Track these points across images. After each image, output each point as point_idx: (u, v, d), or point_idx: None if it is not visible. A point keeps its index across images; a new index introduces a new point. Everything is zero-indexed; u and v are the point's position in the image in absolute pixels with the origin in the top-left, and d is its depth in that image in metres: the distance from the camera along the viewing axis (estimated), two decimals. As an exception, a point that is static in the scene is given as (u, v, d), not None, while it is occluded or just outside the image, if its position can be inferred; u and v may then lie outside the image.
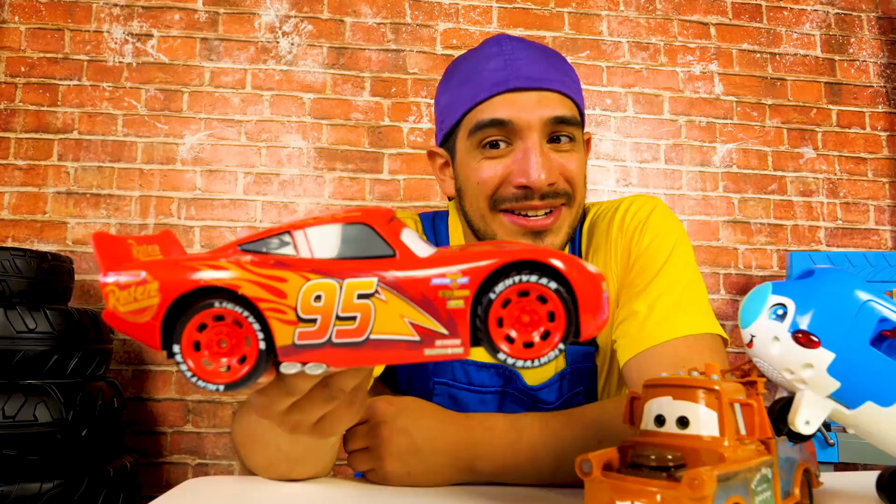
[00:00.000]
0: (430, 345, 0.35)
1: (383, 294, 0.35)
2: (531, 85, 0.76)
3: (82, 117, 2.12)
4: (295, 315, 0.35)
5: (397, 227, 0.38)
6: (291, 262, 0.36)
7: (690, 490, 0.39)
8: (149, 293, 0.35)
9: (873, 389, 0.49)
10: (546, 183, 0.75)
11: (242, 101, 2.17)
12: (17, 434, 1.36)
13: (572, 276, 0.35)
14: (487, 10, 2.29)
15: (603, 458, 0.45)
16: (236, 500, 0.59)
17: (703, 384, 0.49)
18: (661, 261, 0.82)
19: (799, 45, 2.41)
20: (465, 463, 0.67)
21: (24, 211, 2.07)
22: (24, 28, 2.13)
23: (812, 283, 0.52)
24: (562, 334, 0.35)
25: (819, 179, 2.35)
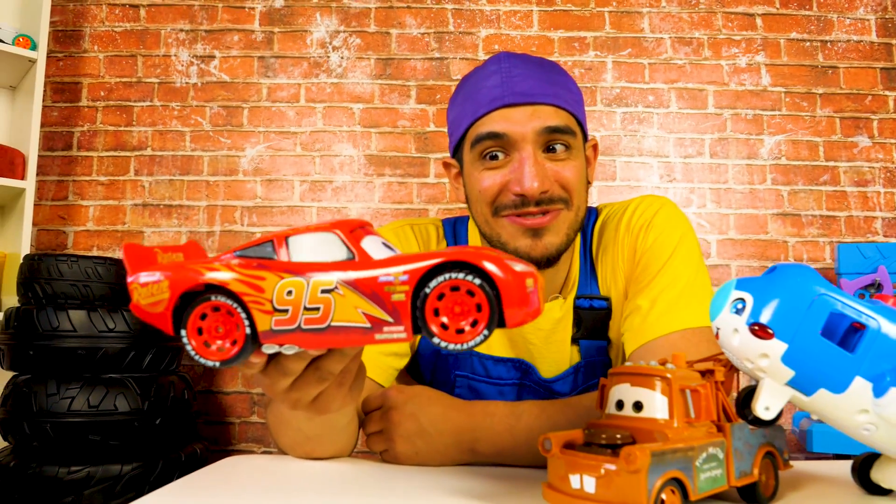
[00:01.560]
0: (380, 331, 0.43)
1: (341, 289, 0.43)
2: (524, 100, 0.81)
3: (154, 135, 2.31)
4: (271, 306, 0.44)
5: (360, 235, 0.46)
6: (269, 264, 0.45)
7: (626, 464, 0.45)
8: (161, 289, 0.45)
9: (826, 377, 0.52)
10: (539, 191, 0.80)
11: (297, 114, 2.31)
12: (101, 422, 1.53)
13: (495, 274, 0.41)
14: (528, 15, 2.34)
15: (563, 438, 0.52)
16: (267, 474, 0.68)
17: (656, 372, 0.54)
18: (664, 258, 0.86)
19: (852, 30, 2.33)
20: (467, 445, 0.74)
21: (107, 222, 2.28)
22: (103, 56, 2.34)
23: (771, 278, 0.55)
24: (486, 323, 0.42)
25: (875, 168, 2.28)
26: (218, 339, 0.45)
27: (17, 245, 2.01)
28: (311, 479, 0.66)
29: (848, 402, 0.52)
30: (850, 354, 0.52)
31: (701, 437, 0.52)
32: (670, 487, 0.48)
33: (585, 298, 0.91)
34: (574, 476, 0.49)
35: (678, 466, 0.49)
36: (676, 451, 0.49)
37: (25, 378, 1.63)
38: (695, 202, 2.28)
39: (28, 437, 1.56)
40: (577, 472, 0.49)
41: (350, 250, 0.45)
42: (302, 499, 0.58)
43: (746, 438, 0.56)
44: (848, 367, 0.51)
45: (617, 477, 0.47)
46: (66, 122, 2.31)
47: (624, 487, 0.46)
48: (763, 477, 0.57)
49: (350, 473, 0.69)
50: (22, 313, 1.64)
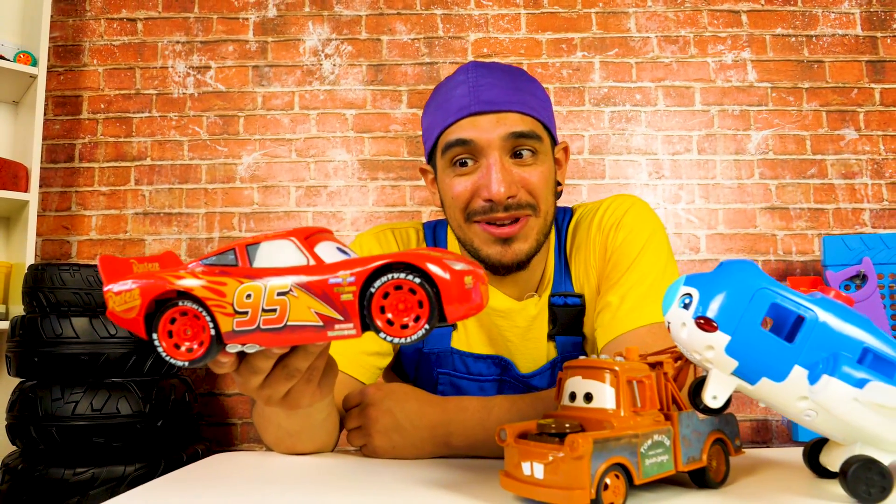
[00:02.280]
0: (331, 328, 0.47)
1: (295, 291, 0.47)
2: (490, 108, 0.84)
3: (154, 145, 2.36)
4: (233, 309, 0.48)
5: (315, 241, 0.50)
6: (230, 271, 0.49)
7: (570, 451, 0.49)
8: (133, 297, 0.50)
9: (767, 367, 0.54)
10: (506, 195, 0.83)
11: (291, 121, 2.36)
12: (104, 424, 1.59)
13: (433, 273, 0.45)
14: (516, 18, 2.38)
15: (518, 429, 0.56)
16: (253, 469, 0.72)
17: (605, 365, 0.57)
18: (632, 255, 0.89)
19: (837, 24, 2.35)
20: (441, 439, 0.78)
21: (109, 231, 2.33)
22: (102, 69, 2.39)
23: (716, 274, 0.58)
24: (427, 318, 0.46)
25: (862, 161, 2.30)
26: (186, 340, 0.49)
27: (22, 255, 2.07)
28: (292, 473, 0.70)
29: (788, 390, 0.55)
30: (790, 344, 0.54)
31: (647, 426, 0.55)
32: (614, 472, 0.51)
33: (560, 296, 0.94)
34: (525, 463, 0.52)
35: (622, 453, 0.52)
36: (620, 438, 0.52)
37: (31, 384, 1.68)
38: (683, 198, 2.31)
39: (35, 440, 1.61)
40: (528, 460, 0.52)
41: (305, 255, 0.48)
42: (281, 492, 0.62)
43: (695, 426, 0.59)
44: (787, 356, 0.54)
45: (562, 463, 0.50)
46: (68, 135, 2.37)
47: (569, 473, 0.49)
48: (714, 462, 0.60)
49: (328, 467, 0.73)
50: (27, 322, 1.70)
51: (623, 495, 0.52)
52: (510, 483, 0.54)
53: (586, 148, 2.33)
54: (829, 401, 0.54)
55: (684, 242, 2.29)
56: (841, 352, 0.55)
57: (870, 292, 1.86)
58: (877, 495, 0.53)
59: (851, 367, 0.54)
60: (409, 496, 0.59)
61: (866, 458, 0.55)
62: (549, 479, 0.51)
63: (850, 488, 0.54)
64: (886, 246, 1.88)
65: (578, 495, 0.49)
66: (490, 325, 0.96)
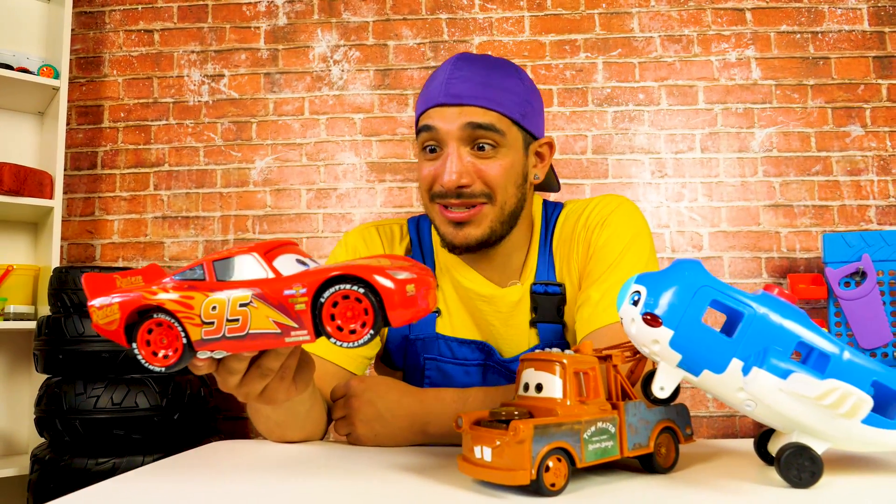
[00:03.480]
0: (288, 335, 0.52)
1: (255, 303, 0.52)
2: (454, 101, 0.89)
3: (171, 151, 2.46)
4: (200, 320, 0.53)
5: (274, 255, 0.55)
6: (198, 285, 0.55)
7: (513, 435, 0.53)
8: (113, 311, 0.55)
9: (708, 360, 0.57)
10: (455, 185, 0.88)
11: (302, 126, 2.43)
12: (123, 417, 1.68)
13: (376, 283, 0.50)
14: (520, 20, 2.41)
15: (474, 416, 0.60)
16: (244, 455, 0.78)
17: (554, 358, 0.61)
18: (614, 254, 0.93)
19: (843, 20, 2.34)
20: (419, 427, 0.83)
21: (130, 235, 2.43)
22: (122, 80, 2.50)
23: (663, 273, 0.61)
24: (371, 324, 0.51)
25: (868, 157, 2.28)
26: (162, 348, 0.55)
27: (48, 259, 2.18)
28: (279, 459, 0.75)
29: (727, 382, 0.58)
30: (729, 339, 0.57)
31: (591, 413, 0.59)
32: (556, 456, 0.55)
33: (541, 284, 0.98)
34: (477, 448, 0.57)
35: (564, 438, 0.56)
36: (562, 424, 0.56)
37: (57, 380, 1.78)
38: (686, 196, 2.32)
39: (60, 432, 1.71)
40: (479, 444, 0.57)
41: (264, 269, 0.54)
42: (265, 475, 0.67)
43: (642, 415, 0.63)
44: (726, 349, 0.57)
45: (507, 447, 0.54)
46: (91, 143, 2.47)
47: (512, 456, 0.54)
48: (663, 449, 0.64)
49: (311, 454, 0.79)
50: (52, 321, 1.80)
51: (564, 477, 0.55)
52: (465, 466, 0.58)
53: (589, 148, 2.35)
54: (759, 391, 0.57)
55: (687, 240, 2.31)
56: (772, 345, 0.58)
57: (869, 289, 1.86)
58: (807, 480, 0.57)
59: (779, 359, 0.58)
60: (377, 479, 0.64)
61: (798, 445, 0.58)
62: (496, 462, 0.55)
63: (783, 473, 0.57)
64: (886, 243, 1.88)
65: (520, 475, 0.53)
66: (474, 310, 1.00)
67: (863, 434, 0.59)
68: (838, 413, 0.57)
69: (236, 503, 0.56)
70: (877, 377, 0.60)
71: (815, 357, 0.60)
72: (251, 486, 0.62)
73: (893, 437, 0.61)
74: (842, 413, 0.57)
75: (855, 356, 0.59)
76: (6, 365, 2.31)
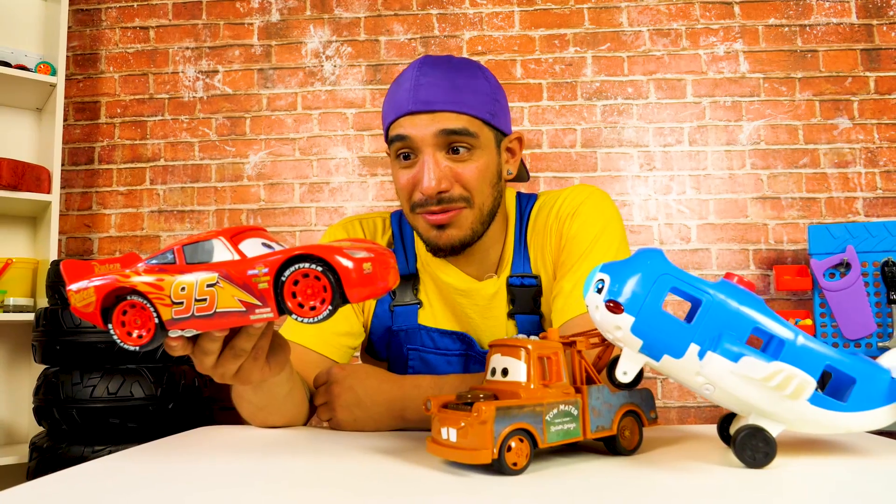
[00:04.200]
0: (253, 312, 0.55)
1: (221, 283, 0.55)
2: (425, 108, 0.90)
3: (167, 147, 2.49)
4: (170, 300, 0.56)
5: (240, 239, 0.58)
6: (168, 268, 0.58)
7: (476, 417, 0.56)
8: (90, 294, 0.59)
9: (667, 345, 0.59)
10: (436, 190, 0.89)
11: (295, 121, 2.46)
12: (119, 407, 1.71)
13: (333, 261, 0.53)
14: (510, 16, 2.43)
15: (442, 400, 0.63)
16: (229, 438, 0.80)
17: (519, 344, 0.64)
18: (585, 245, 0.95)
19: (832, 13, 2.35)
20: (397, 413, 0.86)
21: (127, 228, 2.47)
22: (118, 76, 2.52)
23: (626, 262, 0.63)
24: (329, 301, 0.54)
25: (856, 149, 2.30)
26: (136, 329, 0.58)
27: (47, 252, 2.21)
28: (261, 443, 0.78)
29: (686, 366, 0.60)
30: (687, 325, 0.59)
31: (554, 396, 0.61)
32: (518, 437, 0.57)
33: (517, 277, 1.01)
34: (443, 429, 0.59)
35: (525, 419, 0.58)
36: (524, 406, 0.58)
37: (54, 370, 1.82)
38: (674, 189, 2.34)
39: (58, 421, 1.75)
40: (445, 426, 0.59)
41: (230, 251, 0.57)
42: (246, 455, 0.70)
43: (606, 398, 0.65)
44: (684, 335, 0.59)
45: (470, 428, 0.57)
46: (88, 139, 2.50)
47: (475, 436, 0.56)
48: (627, 432, 0.66)
49: (290, 437, 0.82)
50: (50, 313, 1.83)
51: (527, 457, 0.58)
52: (433, 447, 0.61)
53: (579, 141, 2.37)
54: (714, 374, 0.60)
55: (675, 233, 2.33)
56: (727, 330, 0.60)
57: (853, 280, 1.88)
58: (761, 460, 0.59)
59: (732, 343, 0.60)
60: (351, 460, 0.66)
61: (753, 426, 0.60)
62: (461, 442, 0.57)
63: (738, 454, 0.59)
64: (871, 235, 1.90)
65: (482, 455, 0.55)
66: (453, 303, 1.03)
67: (815, 416, 0.61)
68: (784, 394, 0.60)
69: (215, 480, 0.58)
70: (830, 362, 0.62)
71: (774, 343, 0.62)
72: (230, 465, 0.64)
73: (844, 419, 0.63)
74: (787, 394, 0.59)
75: (809, 341, 0.61)
76: (6, 355, 2.36)
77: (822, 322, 2.00)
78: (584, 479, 0.56)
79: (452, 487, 0.54)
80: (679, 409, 2.28)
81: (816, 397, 0.61)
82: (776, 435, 0.60)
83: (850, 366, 0.62)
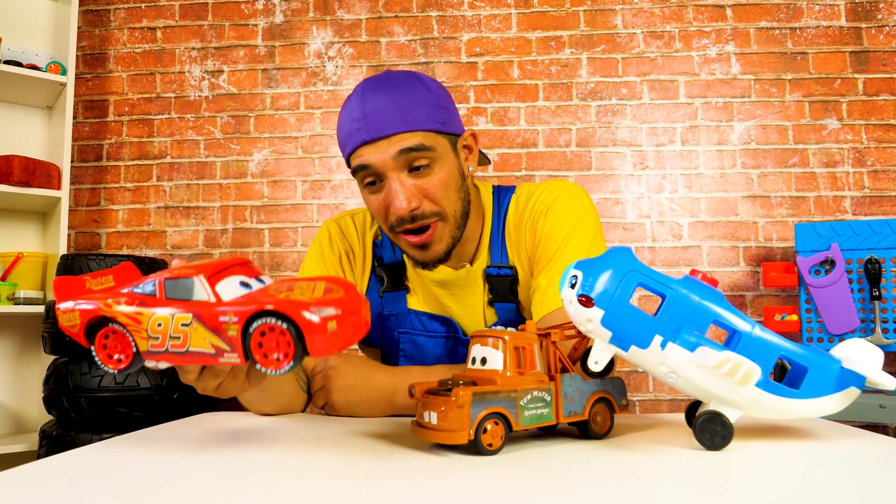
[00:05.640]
0: (221, 356, 0.57)
1: (195, 324, 0.57)
2: (378, 135, 0.92)
3: (173, 144, 2.54)
4: (147, 334, 0.58)
5: (218, 278, 0.60)
6: (148, 301, 0.59)
7: (454, 401, 0.61)
8: (76, 316, 0.61)
9: (634, 337, 0.63)
10: (408, 210, 0.93)
11: (298, 120, 2.51)
12: (126, 396, 1.78)
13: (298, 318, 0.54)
14: (507, 18, 2.48)
15: (426, 386, 0.68)
16: (229, 425, 0.85)
17: (497, 335, 0.69)
18: (559, 240, 0.99)
19: (822, 16, 2.39)
20: (388, 398, 0.92)
21: (134, 224, 2.53)
22: (126, 75, 2.58)
23: (598, 259, 0.67)
24: (292, 355, 0.55)
25: (844, 149, 2.34)
26: (117, 353, 0.60)
27: (56, 247, 2.27)
28: (257, 427, 0.83)
29: (651, 356, 0.64)
30: (652, 317, 0.64)
31: (528, 383, 0.66)
32: (493, 420, 0.62)
33: (494, 267, 1.05)
34: (426, 413, 0.64)
35: (501, 404, 0.63)
36: (499, 392, 0.63)
37: (63, 360, 1.88)
38: (667, 188, 2.39)
39: (67, 410, 1.81)
40: (427, 410, 0.64)
41: (207, 292, 0.58)
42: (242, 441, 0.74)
43: (578, 386, 0.70)
44: (649, 327, 0.64)
45: (449, 411, 0.61)
46: (96, 136, 2.56)
47: (453, 419, 0.61)
48: (598, 418, 0.71)
49: (286, 423, 0.87)
50: (60, 306, 1.89)
51: (501, 438, 0.63)
52: (417, 430, 0.66)
53: (573, 141, 2.42)
54: (674, 363, 0.64)
55: (667, 230, 2.38)
56: (687, 322, 0.64)
57: (837, 277, 1.93)
58: (719, 443, 0.63)
59: (690, 334, 0.65)
60: (341, 443, 0.71)
61: (712, 412, 0.65)
62: (441, 424, 0.62)
63: (698, 437, 0.64)
64: (855, 233, 1.95)
65: (460, 436, 0.60)
66: (433, 293, 1.09)
67: (770, 402, 0.66)
68: (734, 381, 0.65)
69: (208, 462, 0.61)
70: (783, 352, 0.66)
71: (734, 335, 0.67)
72: (224, 449, 0.68)
73: (797, 405, 0.67)
74: (736, 381, 0.64)
75: (764, 333, 0.65)
76: (17, 347, 2.43)
77: (807, 317, 2.05)
78: (555, 459, 0.60)
79: (433, 465, 0.58)
80: (669, 401, 2.34)
81: (771, 385, 0.65)
82: (734, 420, 0.65)
83: (802, 356, 0.66)
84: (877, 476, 0.54)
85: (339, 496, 0.49)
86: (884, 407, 1.70)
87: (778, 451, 0.63)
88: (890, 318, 1.97)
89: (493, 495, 0.48)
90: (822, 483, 0.52)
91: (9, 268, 2.26)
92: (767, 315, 2.08)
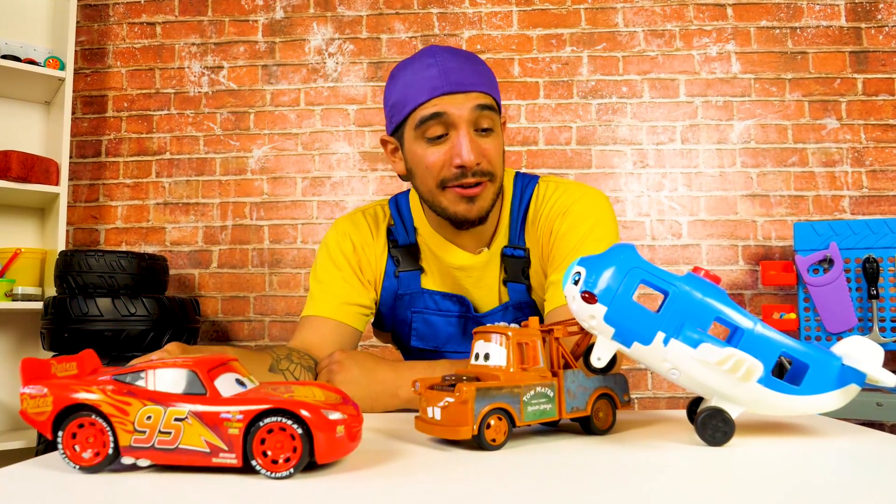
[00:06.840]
0: (216, 455, 0.52)
1: (190, 419, 0.52)
2: (461, 88, 0.97)
3: (172, 140, 2.54)
4: (133, 427, 0.52)
5: (216, 374, 0.56)
6: (137, 392, 0.54)
7: (458, 396, 0.61)
8: (46, 403, 0.54)
9: (637, 333, 0.63)
10: (474, 162, 0.98)
11: (298, 117, 2.51)
12: (126, 392, 1.78)
13: (311, 422, 0.51)
14: (508, 15, 2.48)
15: (429, 381, 0.68)
16: None
17: (501, 331, 0.69)
18: (575, 241, 1.03)
19: (822, 16, 2.40)
20: (392, 391, 0.93)
21: (133, 220, 2.52)
22: (125, 71, 2.57)
23: (601, 256, 0.67)
24: (297, 460, 0.51)
25: (843, 149, 2.35)
26: (88, 448, 0.54)
27: (55, 243, 2.27)
28: None
29: (653, 352, 0.64)
30: (655, 314, 0.64)
31: (531, 379, 0.66)
32: (497, 415, 0.62)
33: (510, 248, 1.10)
34: (429, 408, 0.64)
35: (504, 399, 0.63)
36: (502, 387, 0.63)
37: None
38: (667, 186, 2.40)
39: (66, 407, 1.80)
40: (431, 405, 0.64)
41: (204, 387, 0.54)
42: None
43: (580, 382, 0.70)
44: (652, 323, 0.64)
45: (453, 406, 0.62)
46: (95, 132, 2.56)
47: (457, 414, 0.61)
48: (601, 413, 0.71)
49: None
50: (57, 302, 1.89)
51: (504, 434, 0.63)
52: (420, 424, 0.66)
53: (574, 139, 2.43)
54: (677, 359, 0.64)
55: (667, 229, 2.39)
56: (689, 319, 0.64)
57: (835, 276, 1.94)
58: (720, 439, 0.64)
59: (693, 331, 0.65)
60: None
61: (714, 408, 0.65)
62: (444, 420, 0.62)
63: (700, 432, 0.64)
64: (853, 232, 1.95)
65: (463, 431, 0.60)
66: (450, 275, 1.13)
67: (771, 399, 0.66)
68: (736, 377, 0.65)
69: None
70: (784, 349, 0.67)
71: (736, 332, 0.67)
72: None
73: (798, 401, 0.67)
74: (738, 377, 0.65)
75: (766, 330, 0.65)
76: (15, 343, 2.42)
77: (805, 316, 2.06)
78: (558, 454, 0.60)
79: (436, 461, 0.58)
80: (668, 399, 2.34)
81: (772, 382, 0.66)
82: (736, 416, 0.65)
83: (803, 353, 0.67)
84: (876, 472, 0.54)
85: (341, 491, 0.49)
86: (881, 405, 1.70)
87: (778, 447, 0.64)
88: (887, 317, 1.97)
89: (497, 490, 0.49)
90: (822, 479, 0.52)
91: (7, 264, 2.26)
92: (766, 313, 2.09)
